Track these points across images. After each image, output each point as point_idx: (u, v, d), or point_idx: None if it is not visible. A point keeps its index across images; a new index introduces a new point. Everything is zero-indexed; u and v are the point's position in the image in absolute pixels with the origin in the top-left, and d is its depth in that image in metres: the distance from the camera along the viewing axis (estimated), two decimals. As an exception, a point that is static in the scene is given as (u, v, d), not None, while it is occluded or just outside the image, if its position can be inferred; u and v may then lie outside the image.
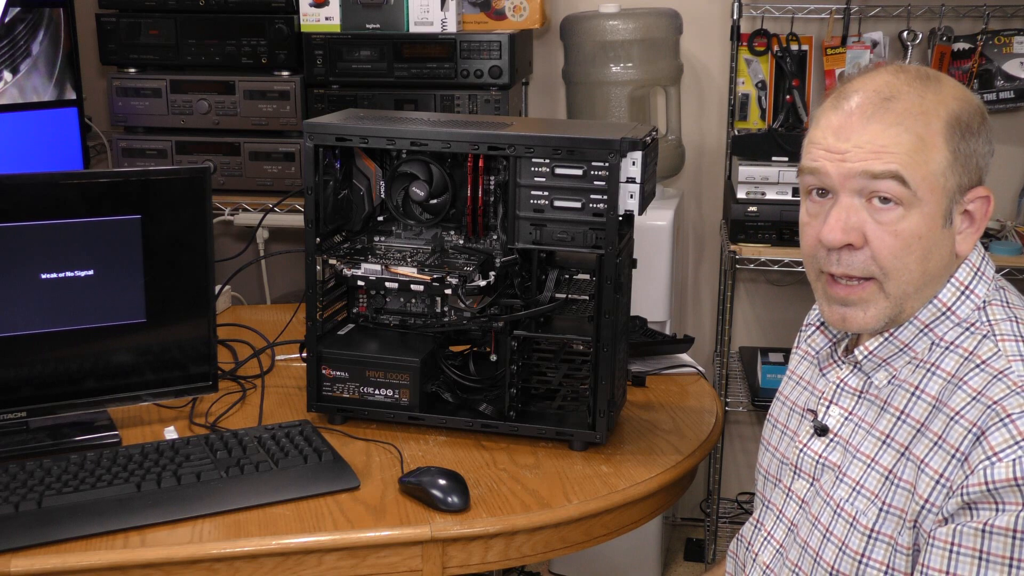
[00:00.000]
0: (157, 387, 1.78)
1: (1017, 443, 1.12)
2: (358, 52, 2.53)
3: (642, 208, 1.62)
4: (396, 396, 1.74)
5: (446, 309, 1.79)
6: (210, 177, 1.77)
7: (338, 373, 1.76)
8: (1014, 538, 1.11)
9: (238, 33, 2.55)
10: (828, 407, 1.35)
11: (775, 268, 2.63)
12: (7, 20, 2.31)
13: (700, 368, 2.04)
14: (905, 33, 2.77)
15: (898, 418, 1.25)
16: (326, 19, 2.55)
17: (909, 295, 1.25)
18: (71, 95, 2.45)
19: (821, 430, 1.35)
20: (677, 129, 2.83)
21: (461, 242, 1.78)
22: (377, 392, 1.74)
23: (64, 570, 1.39)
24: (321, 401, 1.77)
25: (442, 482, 1.52)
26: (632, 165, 1.59)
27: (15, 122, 2.35)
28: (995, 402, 1.15)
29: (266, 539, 1.44)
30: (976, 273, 1.27)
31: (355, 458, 1.65)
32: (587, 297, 1.74)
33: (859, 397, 1.32)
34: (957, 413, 1.18)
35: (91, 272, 1.69)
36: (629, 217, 1.67)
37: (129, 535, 1.45)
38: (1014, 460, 1.11)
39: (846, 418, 1.33)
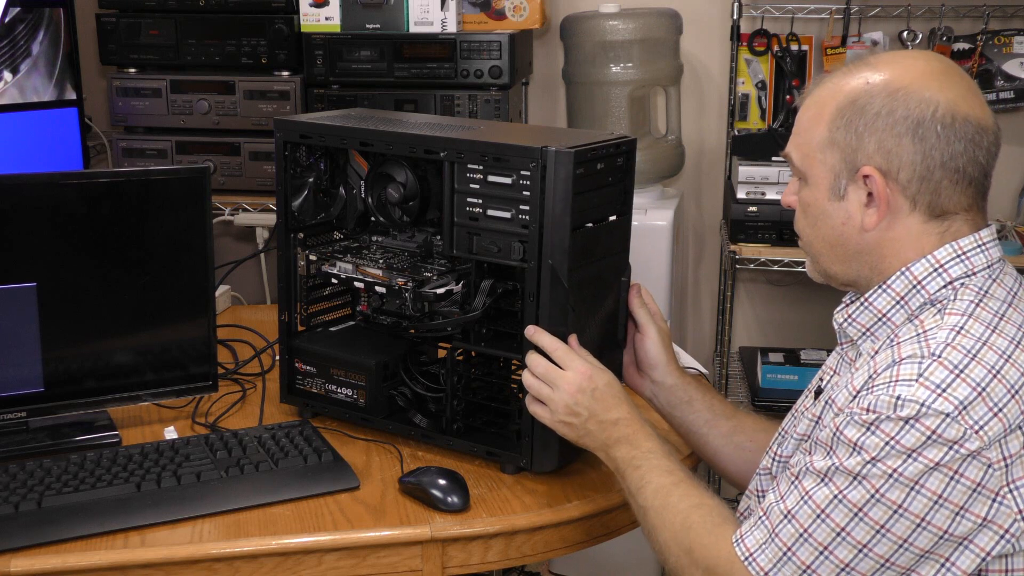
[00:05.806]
0: (157, 387, 1.78)
1: (871, 410, 1.16)
2: (358, 52, 2.53)
3: (578, 222, 1.49)
4: (354, 396, 1.72)
5: (434, 313, 1.72)
6: (210, 177, 1.77)
7: (308, 368, 1.76)
8: (823, 481, 1.19)
9: (238, 33, 2.55)
10: (831, 376, 1.41)
11: (775, 268, 2.63)
12: (7, 20, 2.31)
13: (701, 368, 2.03)
14: (905, 33, 2.77)
15: (854, 374, 1.29)
16: (326, 19, 2.55)
17: (821, 254, 1.34)
18: (71, 95, 2.45)
19: (817, 392, 1.41)
20: (677, 129, 2.83)
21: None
22: (339, 391, 1.74)
23: (64, 570, 1.39)
24: (292, 394, 1.78)
25: (442, 482, 1.52)
26: None
27: (15, 122, 2.34)
28: (896, 361, 1.20)
29: (266, 539, 1.45)
30: (959, 256, 1.28)
31: (355, 458, 1.65)
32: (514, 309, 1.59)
33: (850, 364, 1.36)
34: (875, 362, 1.23)
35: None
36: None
37: (129, 535, 1.45)
38: (864, 425, 1.17)
39: (831, 377, 1.40)
